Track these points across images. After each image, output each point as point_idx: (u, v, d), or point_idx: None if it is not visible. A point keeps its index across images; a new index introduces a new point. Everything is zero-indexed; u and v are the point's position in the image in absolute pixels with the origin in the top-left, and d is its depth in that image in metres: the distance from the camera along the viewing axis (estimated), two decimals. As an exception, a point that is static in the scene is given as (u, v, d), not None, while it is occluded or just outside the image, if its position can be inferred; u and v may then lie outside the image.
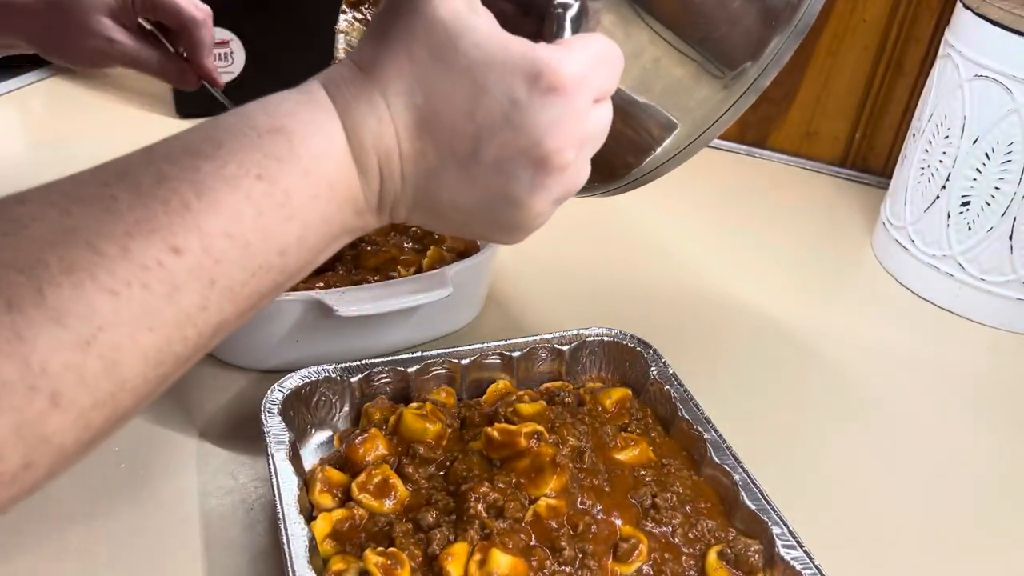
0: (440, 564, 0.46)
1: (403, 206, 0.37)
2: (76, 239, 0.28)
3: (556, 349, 0.62)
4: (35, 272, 0.26)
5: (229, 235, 0.30)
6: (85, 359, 0.27)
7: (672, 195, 0.98)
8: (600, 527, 0.50)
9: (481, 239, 0.41)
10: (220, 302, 0.31)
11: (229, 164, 0.31)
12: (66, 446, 0.28)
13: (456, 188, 0.36)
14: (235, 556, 0.50)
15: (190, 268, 0.29)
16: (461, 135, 0.34)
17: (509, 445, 0.51)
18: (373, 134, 0.34)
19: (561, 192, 0.37)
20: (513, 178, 0.35)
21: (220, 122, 0.32)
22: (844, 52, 1.00)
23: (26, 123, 1.01)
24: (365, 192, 0.35)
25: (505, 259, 0.78)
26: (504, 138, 0.34)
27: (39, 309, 0.26)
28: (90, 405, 0.28)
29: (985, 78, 0.75)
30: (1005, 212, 0.76)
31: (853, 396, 0.71)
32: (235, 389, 0.62)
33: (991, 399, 0.72)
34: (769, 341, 0.76)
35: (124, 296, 0.28)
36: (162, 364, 0.30)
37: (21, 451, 0.26)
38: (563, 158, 0.35)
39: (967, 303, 0.81)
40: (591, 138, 0.37)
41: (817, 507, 0.57)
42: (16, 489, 0.27)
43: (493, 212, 0.37)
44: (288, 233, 0.32)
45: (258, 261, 0.32)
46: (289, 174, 0.32)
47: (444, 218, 0.38)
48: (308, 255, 0.34)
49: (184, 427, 0.59)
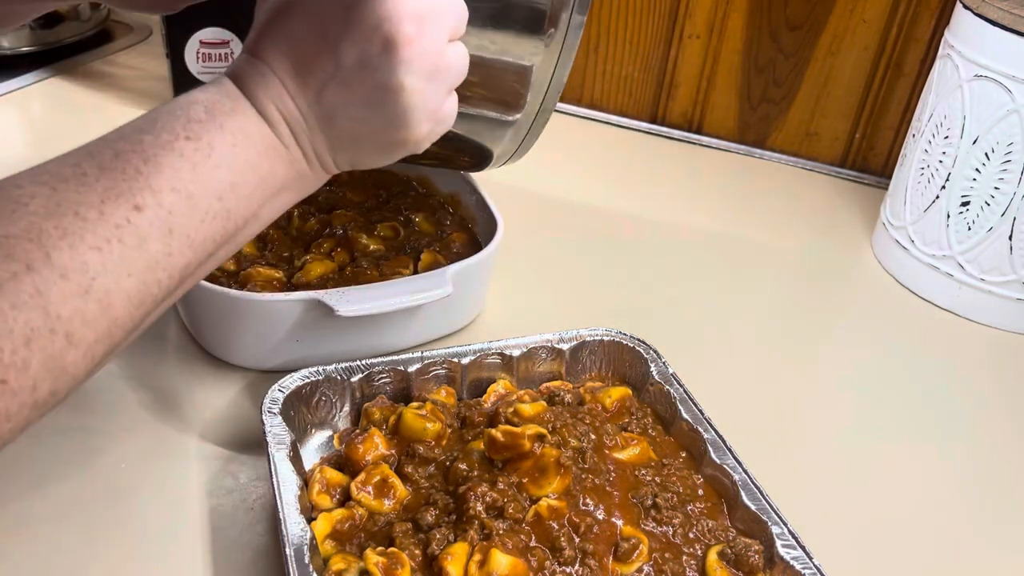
0: (440, 564, 0.46)
1: (322, 146, 0.43)
2: (65, 210, 0.35)
3: (556, 349, 0.62)
4: (41, 240, 0.33)
5: (174, 189, 0.37)
6: (86, 304, 0.34)
7: (672, 195, 0.98)
8: (601, 527, 0.50)
9: (397, 146, 0.45)
10: (180, 247, 0.38)
11: (163, 133, 0.38)
12: (79, 375, 0.35)
13: (343, 101, 0.42)
14: (235, 556, 0.50)
15: (150, 221, 0.36)
16: (323, 54, 0.41)
17: (512, 447, 0.51)
18: (265, 90, 0.41)
19: (427, 66, 0.41)
20: (375, 67, 0.41)
21: (156, 108, 0.40)
22: (844, 52, 1.00)
23: (26, 123, 1.01)
24: (280, 138, 0.42)
25: (505, 259, 0.78)
26: (351, 37, 0.40)
27: (49, 268, 0.33)
28: (94, 340, 0.35)
29: (985, 78, 0.75)
30: (1005, 212, 0.76)
31: (853, 396, 0.71)
32: (235, 389, 0.62)
33: (991, 399, 0.72)
34: (769, 341, 0.76)
35: (106, 251, 0.35)
36: (143, 304, 0.37)
37: (50, 382, 0.34)
38: (404, 30, 0.40)
39: (967, 303, 0.81)
40: (430, 12, 0.41)
41: (817, 507, 0.57)
42: (43, 410, 0.34)
43: (380, 107, 0.42)
44: (220, 180, 0.39)
45: (203, 207, 0.38)
46: (208, 130, 0.39)
47: (355, 139, 0.44)
48: (248, 202, 0.41)
49: (184, 427, 0.59)
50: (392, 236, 0.75)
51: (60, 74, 1.08)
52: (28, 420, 0.34)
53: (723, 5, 1.02)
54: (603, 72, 1.10)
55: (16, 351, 0.32)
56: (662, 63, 1.07)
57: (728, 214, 0.95)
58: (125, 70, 1.11)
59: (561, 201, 0.93)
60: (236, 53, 0.97)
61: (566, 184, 0.97)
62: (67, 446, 0.56)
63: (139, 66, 1.12)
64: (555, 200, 0.94)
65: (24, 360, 0.32)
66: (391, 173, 0.83)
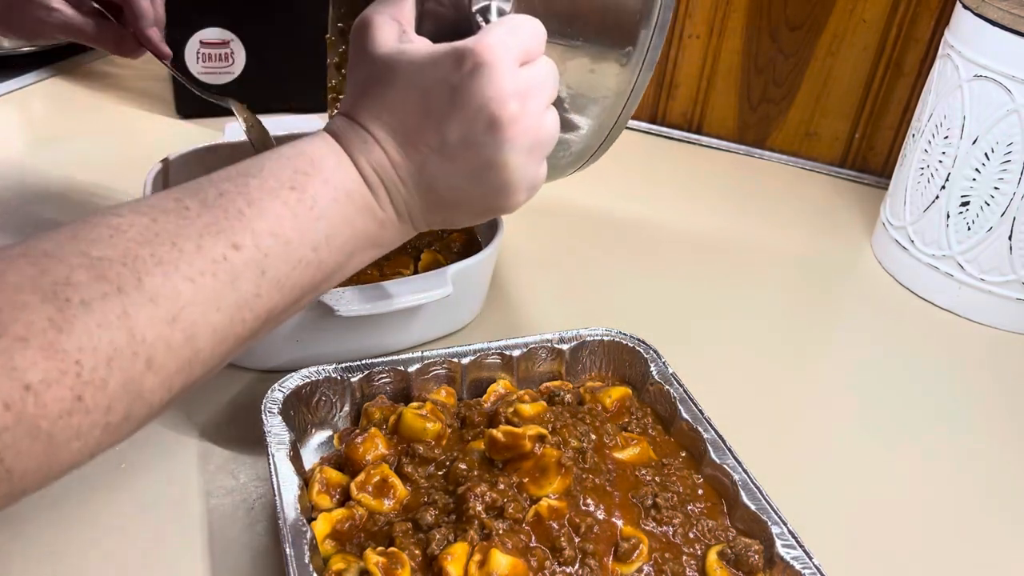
0: (440, 564, 0.46)
1: (417, 210, 0.44)
2: (163, 240, 0.35)
3: (556, 349, 0.62)
4: (135, 265, 0.34)
5: (274, 234, 0.39)
6: (172, 332, 0.35)
7: (672, 195, 0.98)
8: (601, 527, 0.50)
9: (494, 212, 0.46)
10: (270, 291, 0.39)
11: (269, 180, 0.40)
12: (154, 404, 0.35)
13: (444, 174, 0.43)
14: (235, 556, 0.50)
15: (246, 261, 0.37)
16: (427, 131, 0.42)
17: (513, 447, 0.51)
18: (367, 156, 0.42)
19: (528, 141, 0.42)
20: (480, 145, 0.42)
21: (263, 154, 0.42)
22: (844, 52, 1.00)
23: (26, 123, 1.01)
24: (378, 201, 0.43)
25: (505, 259, 0.78)
26: (457, 117, 0.41)
27: (139, 292, 0.34)
28: (174, 370, 0.35)
29: (984, 78, 0.75)
30: (1005, 212, 0.76)
31: (852, 396, 0.71)
32: (235, 389, 0.62)
33: (991, 399, 0.72)
34: (769, 341, 0.76)
35: (199, 283, 0.36)
36: (225, 341, 0.37)
37: (125, 405, 0.34)
38: (508, 110, 0.41)
39: (967, 303, 0.81)
40: (531, 89, 0.42)
41: (817, 507, 0.57)
42: (116, 436, 0.34)
43: (482, 181, 0.43)
44: (318, 231, 0.40)
45: (297, 255, 0.40)
46: (314, 183, 0.41)
47: (451, 205, 0.45)
48: (337, 255, 0.42)
49: (184, 427, 0.59)
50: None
51: (60, 74, 1.08)
52: (99, 443, 0.33)
53: (723, 5, 1.02)
54: (603, 72, 1.10)
55: (96, 369, 0.32)
56: (662, 63, 1.07)
57: (728, 214, 0.95)
58: (125, 70, 1.11)
59: (561, 201, 0.93)
60: (236, 53, 0.97)
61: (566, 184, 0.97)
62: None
63: (139, 66, 1.11)
64: (555, 200, 0.93)
65: (103, 379, 0.32)
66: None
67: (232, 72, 0.99)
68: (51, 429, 0.31)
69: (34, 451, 0.31)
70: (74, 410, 0.32)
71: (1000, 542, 0.59)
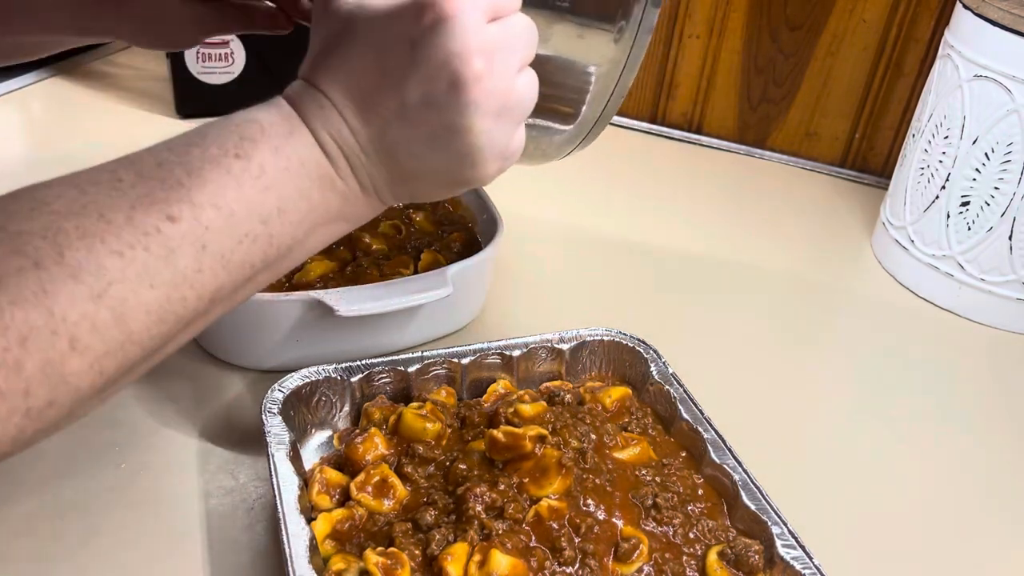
0: (440, 564, 0.46)
1: (381, 180, 0.41)
2: (90, 212, 0.33)
3: (556, 349, 0.62)
4: (56, 239, 0.31)
5: (215, 205, 0.35)
6: (97, 310, 0.32)
7: (672, 195, 0.98)
8: (601, 527, 0.50)
9: (461, 183, 0.43)
10: (213, 267, 0.36)
11: (212, 148, 0.36)
12: (82, 388, 0.32)
13: (406, 139, 0.39)
14: (235, 556, 0.50)
15: (183, 234, 0.34)
16: (386, 92, 0.39)
17: (514, 448, 0.51)
18: (323, 122, 0.39)
19: (497, 103, 0.39)
20: (441, 107, 0.38)
21: (209, 122, 0.38)
22: (844, 52, 1.00)
23: (26, 123, 1.01)
24: (337, 171, 0.40)
25: (505, 259, 0.78)
26: (416, 76, 0.38)
27: (60, 267, 0.31)
28: (103, 352, 0.32)
29: (985, 78, 0.75)
30: (1005, 212, 0.76)
31: (853, 396, 0.71)
32: (235, 389, 0.62)
33: (991, 399, 0.72)
34: (769, 341, 0.76)
35: (128, 256, 0.33)
36: (164, 321, 0.35)
37: (46, 389, 0.31)
38: (472, 68, 0.37)
39: (967, 303, 0.81)
40: (500, 46, 0.38)
41: (817, 507, 0.57)
42: (41, 423, 0.32)
43: (446, 146, 0.39)
44: (267, 203, 0.37)
45: (243, 229, 0.36)
46: (262, 151, 0.37)
47: (417, 175, 0.41)
48: (293, 229, 0.39)
49: (184, 427, 0.59)
50: (393, 234, 0.75)
51: (60, 74, 1.08)
52: (20, 430, 0.31)
53: (723, 5, 1.02)
54: (603, 72, 1.10)
55: (8, 349, 0.30)
56: (662, 63, 1.07)
57: (728, 214, 0.95)
58: (125, 70, 1.11)
59: (561, 201, 0.93)
60: (236, 53, 0.97)
61: (566, 184, 0.97)
62: (66, 446, 0.56)
63: (139, 66, 1.12)
64: (555, 200, 0.94)
65: (17, 360, 0.30)
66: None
67: (232, 72, 0.99)
68: None
69: None
70: None
71: (1000, 542, 0.59)
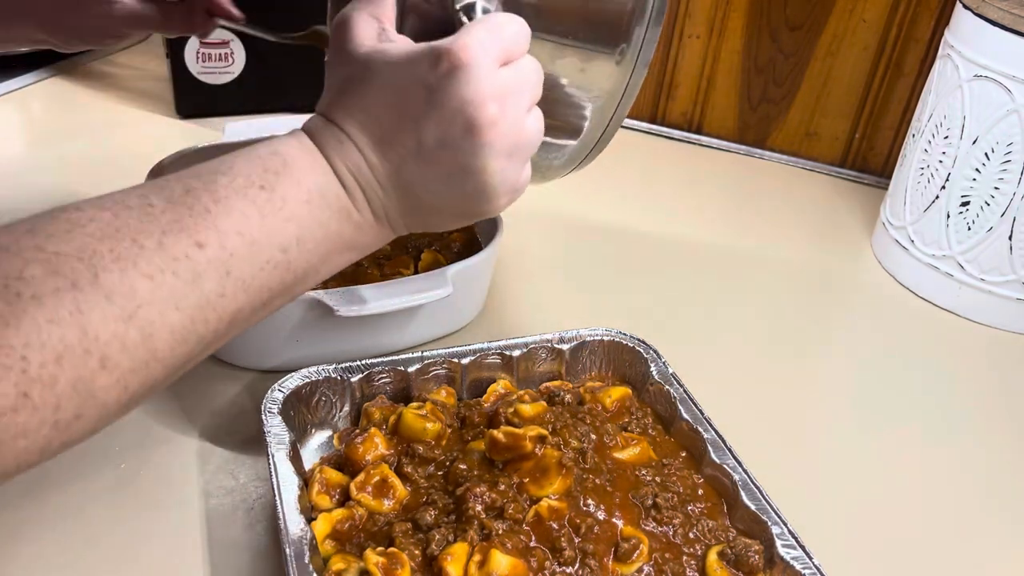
0: (440, 564, 0.46)
1: (395, 213, 0.43)
2: (123, 236, 0.35)
3: (556, 349, 0.62)
4: (92, 260, 0.33)
5: (240, 233, 0.37)
6: (127, 330, 0.34)
7: (672, 195, 0.98)
8: (601, 527, 0.50)
9: (473, 216, 0.45)
10: (235, 291, 0.37)
11: (238, 178, 0.38)
12: (108, 403, 0.34)
13: (422, 177, 0.41)
14: (235, 556, 0.50)
15: (209, 259, 0.36)
16: (403, 132, 0.41)
17: (514, 448, 0.51)
18: (342, 157, 0.41)
19: (508, 144, 0.41)
20: (457, 148, 0.40)
21: (234, 152, 0.40)
22: (844, 52, 1.00)
23: (26, 123, 1.01)
24: (354, 203, 0.42)
25: (505, 259, 0.78)
26: (433, 119, 0.40)
27: (94, 288, 0.33)
28: (129, 369, 0.34)
29: (984, 78, 0.75)
30: (1005, 212, 0.76)
31: (852, 396, 0.71)
32: (235, 389, 0.62)
33: (991, 399, 0.72)
34: (769, 341, 0.76)
35: (158, 280, 0.35)
36: (186, 342, 0.36)
37: (75, 403, 0.33)
38: (486, 114, 0.39)
39: (967, 303, 0.81)
40: (511, 90, 0.41)
41: (817, 507, 0.57)
42: (67, 435, 0.33)
43: (461, 184, 0.42)
44: (287, 233, 0.39)
45: (264, 256, 0.38)
46: (284, 184, 0.39)
47: (431, 210, 0.43)
48: (310, 257, 0.40)
49: (184, 427, 0.59)
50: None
51: (60, 74, 1.08)
52: (48, 441, 0.32)
53: (723, 5, 1.02)
54: (603, 72, 1.10)
55: (45, 365, 0.31)
56: (662, 63, 1.07)
57: (728, 214, 0.95)
58: (125, 70, 1.11)
59: (561, 201, 0.93)
60: (236, 53, 0.97)
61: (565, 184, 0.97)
62: (67, 446, 0.56)
63: (139, 66, 1.12)
64: (555, 200, 0.93)
65: (52, 376, 0.31)
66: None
67: (232, 72, 0.99)
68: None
69: None
70: (19, 407, 0.31)
71: (1000, 542, 0.59)
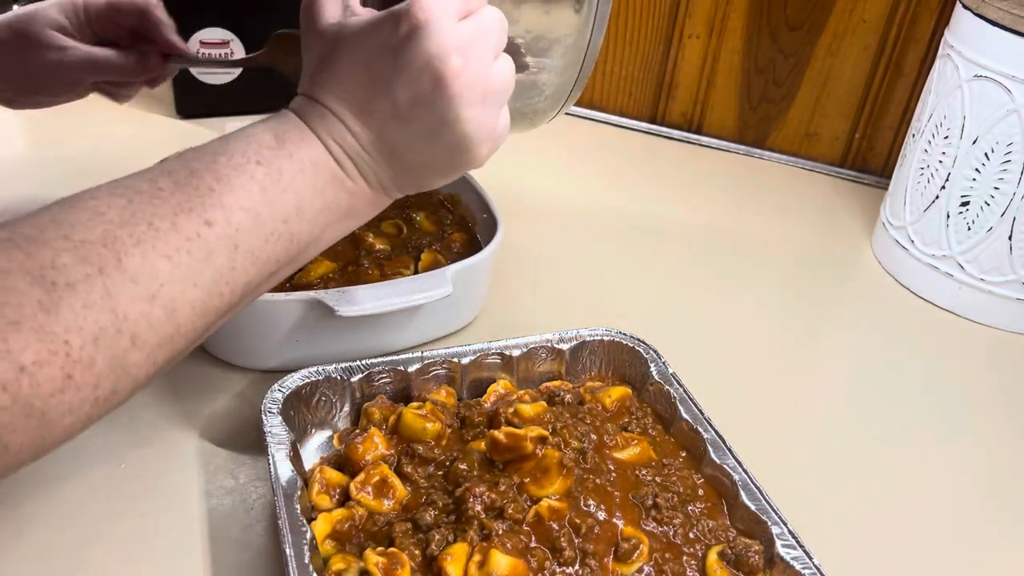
0: (439, 564, 0.46)
1: (386, 176, 0.45)
2: (139, 220, 0.37)
3: (556, 349, 0.62)
4: (115, 246, 0.36)
5: (243, 208, 0.40)
6: (152, 308, 0.36)
7: (672, 195, 0.98)
8: (601, 527, 0.50)
9: (460, 168, 0.46)
10: (244, 264, 0.40)
11: (236, 156, 0.41)
12: (139, 377, 0.37)
13: (404, 137, 0.43)
14: (235, 556, 0.50)
15: (219, 236, 0.39)
16: (378, 97, 0.43)
17: (515, 449, 0.51)
18: (328, 130, 0.43)
19: (479, 93, 0.43)
20: (429, 104, 0.42)
21: (230, 133, 0.42)
22: (844, 52, 1.00)
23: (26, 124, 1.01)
24: (345, 172, 0.44)
25: (505, 259, 0.78)
26: (402, 80, 0.42)
27: (120, 272, 0.35)
28: (156, 344, 0.37)
29: (984, 78, 0.75)
30: (1005, 212, 0.76)
31: (852, 396, 0.71)
32: (235, 389, 0.62)
33: (991, 399, 0.72)
34: (769, 341, 0.76)
35: (176, 260, 0.37)
36: (206, 315, 0.39)
37: (112, 380, 0.35)
38: (451, 66, 0.41)
39: (967, 303, 0.81)
40: (473, 40, 0.42)
41: (817, 507, 0.57)
42: (104, 409, 0.36)
43: (440, 138, 0.43)
44: (287, 203, 0.41)
45: (269, 228, 0.41)
46: (279, 157, 0.42)
47: (419, 169, 0.45)
48: (310, 226, 0.43)
49: (184, 427, 0.59)
50: (395, 234, 0.75)
51: (60, 74, 1.08)
52: (89, 417, 0.35)
53: (723, 5, 1.02)
54: (603, 72, 1.10)
55: (84, 348, 0.34)
56: (662, 63, 1.07)
57: (728, 214, 0.95)
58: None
59: (561, 201, 0.93)
60: (236, 53, 0.97)
61: (566, 184, 0.97)
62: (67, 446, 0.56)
63: (139, 66, 1.12)
64: (555, 200, 0.94)
65: (91, 357, 0.34)
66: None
67: (232, 72, 0.99)
68: (44, 407, 0.33)
69: (29, 428, 0.33)
70: (65, 388, 0.33)
71: (1000, 542, 0.59)
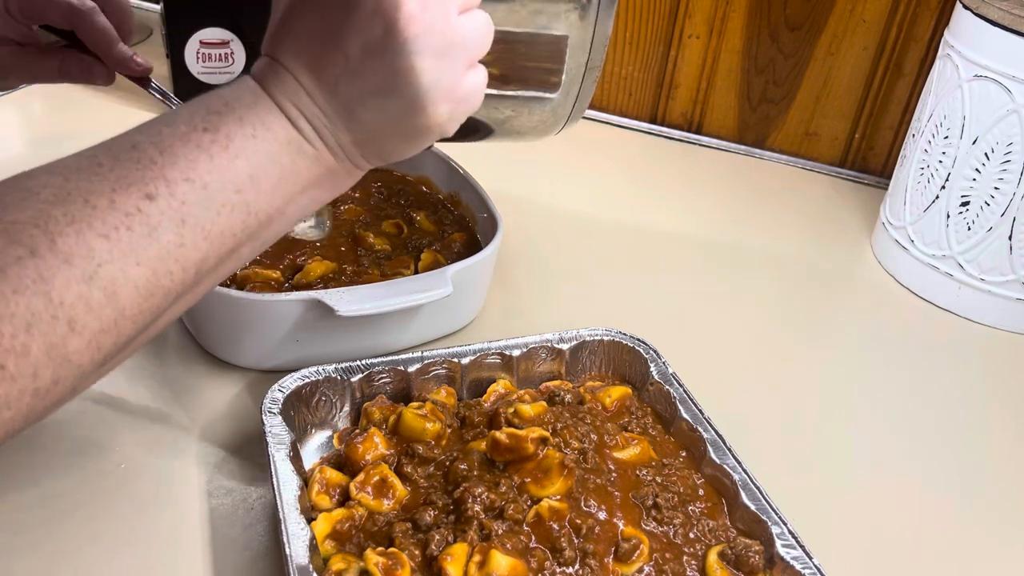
0: (439, 564, 0.46)
1: (347, 141, 0.42)
2: (75, 198, 0.35)
3: (556, 349, 0.62)
4: (48, 226, 0.33)
5: (188, 179, 0.37)
6: (90, 291, 0.34)
7: (672, 195, 0.98)
8: (601, 527, 0.50)
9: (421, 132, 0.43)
10: (195, 239, 0.37)
11: (181, 125, 0.38)
12: (83, 365, 0.35)
13: (358, 93, 0.40)
14: (235, 556, 0.50)
15: (162, 210, 0.36)
16: (330, 49, 0.40)
17: (516, 449, 0.51)
18: (282, 90, 0.41)
19: (436, 43, 0.39)
20: (382, 52, 0.39)
21: (181, 105, 0.40)
22: (844, 52, 1.00)
23: (26, 123, 1.01)
24: (303, 135, 0.41)
25: (505, 259, 0.78)
26: (354, 27, 0.39)
27: (53, 254, 0.33)
28: (98, 329, 0.34)
29: (984, 78, 0.75)
30: (1004, 212, 0.76)
31: (852, 396, 0.71)
32: (235, 389, 0.62)
33: (991, 399, 0.72)
34: (769, 341, 0.76)
35: (114, 238, 0.35)
36: (153, 295, 0.36)
37: (51, 369, 0.33)
38: (404, 10, 0.38)
39: (967, 303, 0.81)
40: None
41: (817, 507, 0.57)
42: (48, 401, 0.34)
43: (395, 93, 0.40)
44: (238, 171, 0.39)
45: (219, 199, 0.38)
46: (227, 122, 0.39)
47: (375, 130, 0.42)
48: (268, 196, 0.40)
49: (184, 427, 0.59)
50: (395, 234, 0.75)
51: (60, 74, 1.08)
52: (31, 409, 0.33)
53: (723, 5, 1.02)
54: (603, 72, 1.10)
55: (16, 336, 0.32)
56: (662, 63, 1.07)
57: (728, 214, 0.95)
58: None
59: (561, 201, 0.93)
60: (236, 53, 0.97)
61: (566, 184, 0.97)
62: (67, 446, 0.56)
63: (139, 66, 1.12)
64: (555, 200, 0.94)
65: (24, 345, 0.32)
66: (389, 172, 0.83)
67: (232, 72, 0.99)
68: None
69: None
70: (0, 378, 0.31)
71: (1000, 542, 0.59)
